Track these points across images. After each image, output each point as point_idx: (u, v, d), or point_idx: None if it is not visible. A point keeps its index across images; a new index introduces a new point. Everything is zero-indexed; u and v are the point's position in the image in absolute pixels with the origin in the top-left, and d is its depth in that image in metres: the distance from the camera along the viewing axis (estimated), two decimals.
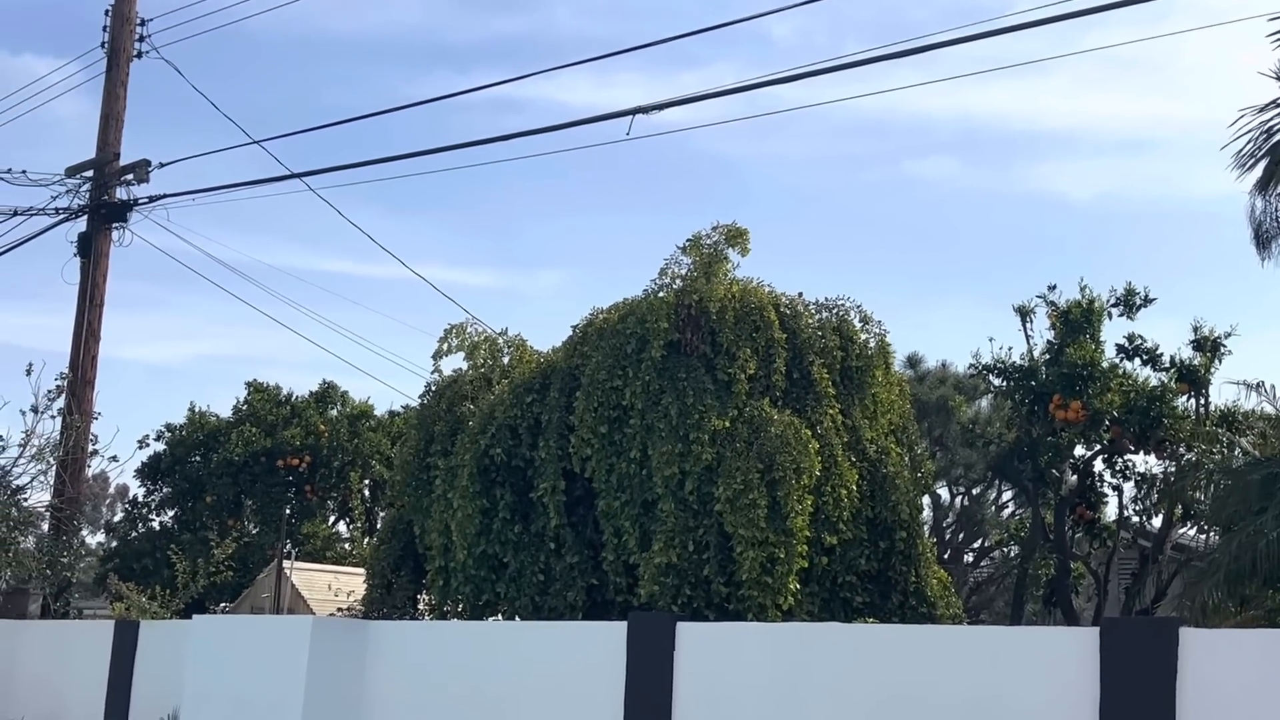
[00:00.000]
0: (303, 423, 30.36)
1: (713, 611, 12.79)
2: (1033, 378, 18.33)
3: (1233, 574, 10.87)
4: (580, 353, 14.23)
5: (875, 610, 13.75)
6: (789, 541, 12.68)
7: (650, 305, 13.81)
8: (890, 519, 14.09)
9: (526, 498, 14.06)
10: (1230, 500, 11.87)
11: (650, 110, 12.96)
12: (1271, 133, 14.23)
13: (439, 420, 15.03)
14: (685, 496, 13.02)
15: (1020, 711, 8.60)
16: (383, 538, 16.08)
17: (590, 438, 13.51)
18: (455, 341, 15.57)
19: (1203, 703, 7.91)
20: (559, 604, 13.61)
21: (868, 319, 15.04)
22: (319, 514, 31.15)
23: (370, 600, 15.48)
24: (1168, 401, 17.64)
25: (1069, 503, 19.22)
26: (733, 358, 13.61)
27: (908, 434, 15.36)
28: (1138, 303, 18.48)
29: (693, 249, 14.17)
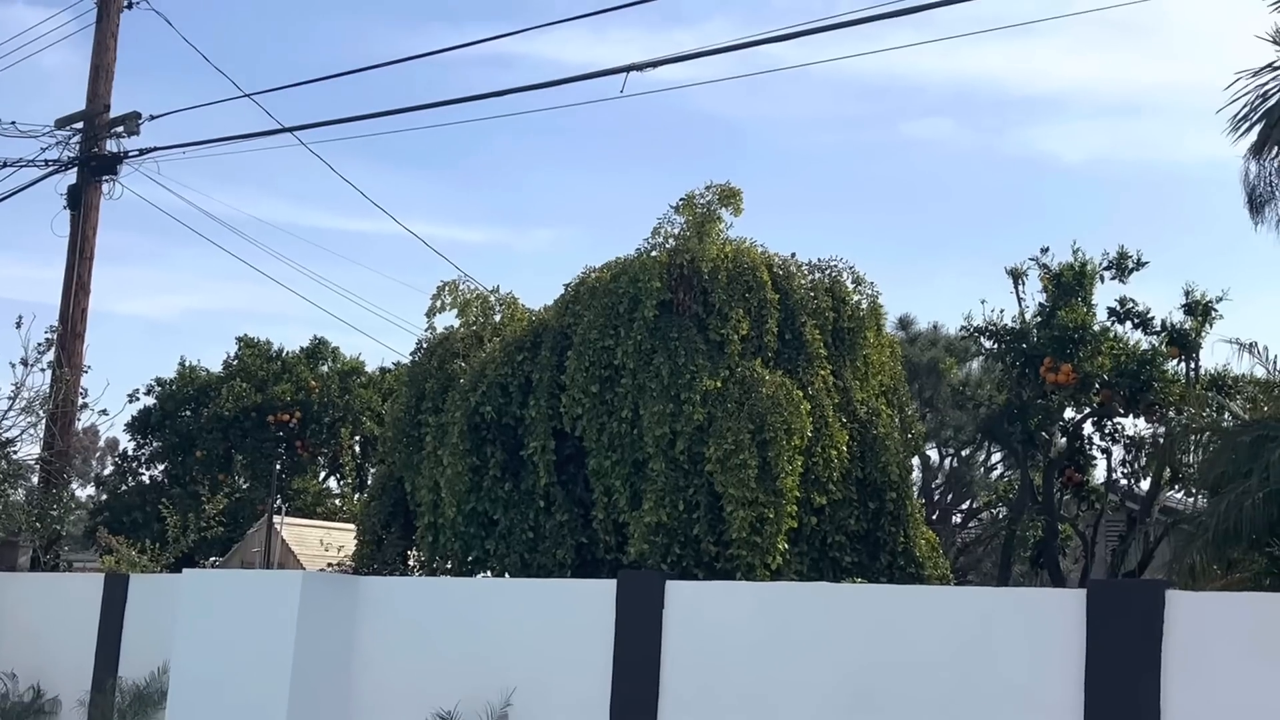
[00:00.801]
0: (293, 378, 30.35)
1: (702, 570, 12.84)
2: (1024, 340, 18.33)
3: (1219, 537, 10.93)
4: (572, 311, 14.21)
5: (864, 570, 13.81)
6: (779, 501, 12.72)
7: (643, 264, 13.78)
8: (880, 480, 14.14)
9: (517, 456, 14.07)
10: (1219, 463, 11.91)
11: (644, 68, 12.87)
12: (1267, 96, 14.19)
13: (430, 377, 15.02)
14: (676, 456, 13.04)
15: (1007, 672, 8.66)
16: (373, 494, 16.11)
17: (581, 397, 13.51)
18: (447, 299, 15.54)
19: (1188, 665, 7.96)
20: (548, 562, 13.65)
21: (860, 280, 15.05)
22: (309, 470, 31.21)
23: (360, 556, 15.52)
24: (1158, 365, 17.65)
25: (1058, 465, 19.28)
26: (725, 318, 13.59)
27: (898, 395, 15.40)
28: (1130, 266, 18.46)
29: (686, 208, 14.13)
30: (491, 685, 10.91)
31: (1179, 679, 7.96)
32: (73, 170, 19.99)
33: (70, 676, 14.77)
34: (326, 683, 11.97)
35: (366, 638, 12.13)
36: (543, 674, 10.85)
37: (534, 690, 10.79)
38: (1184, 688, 7.94)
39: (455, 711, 10.88)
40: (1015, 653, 8.67)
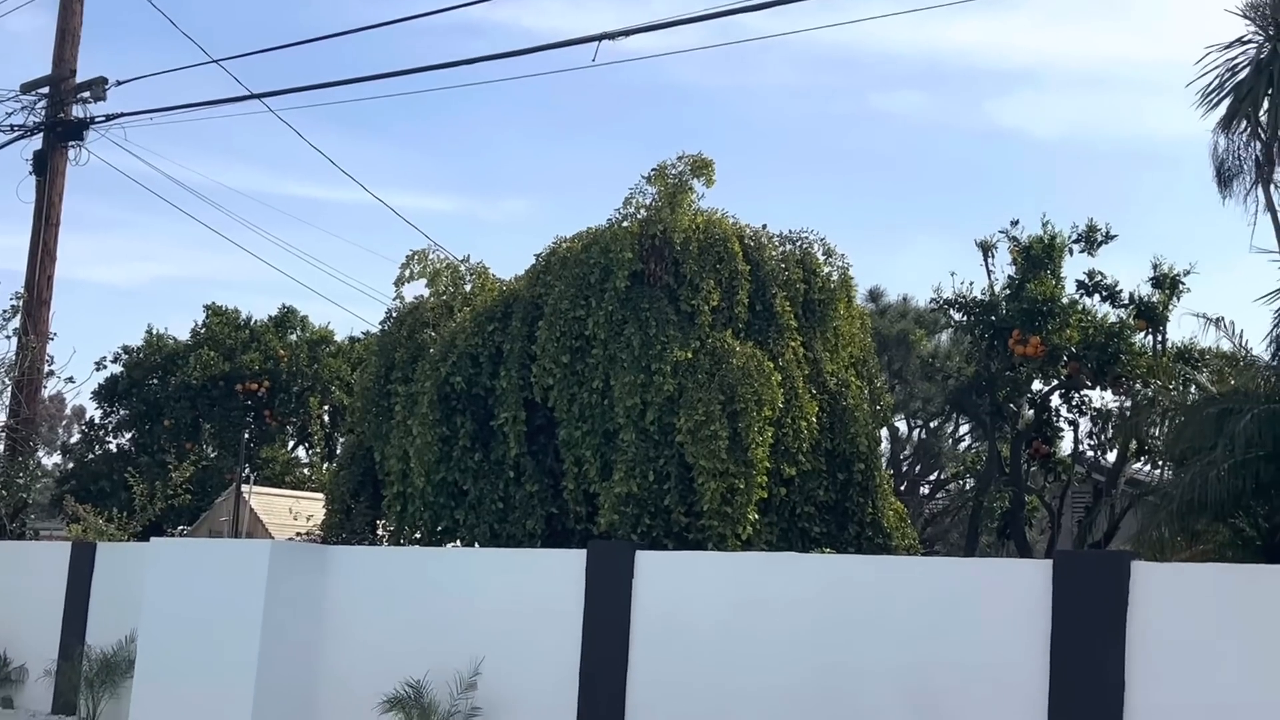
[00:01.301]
0: (262, 347, 30.22)
1: (672, 541, 12.88)
2: (993, 313, 18.41)
3: (1184, 508, 11.03)
4: (543, 282, 14.18)
5: (832, 540, 13.89)
6: (749, 472, 12.76)
7: (614, 235, 13.75)
8: (849, 451, 14.21)
9: (487, 426, 14.05)
10: (1184, 435, 12.01)
11: (616, 36, 12.83)
12: (1236, 70, 14.23)
13: (399, 347, 14.97)
14: (646, 427, 13.06)
15: (973, 641, 8.74)
16: (342, 463, 16.06)
17: (552, 367, 13.50)
18: (417, 268, 15.47)
19: (1152, 634, 8.06)
20: (518, 532, 13.67)
21: (831, 252, 15.06)
22: (278, 439, 31.11)
23: (329, 525, 15.49)
24: (1126, 338, 17.77)
25: (1025, 437, 19.40)
26: (696, 289, 13.59)
27: (868, 367, 15.45)
28: (1099, 239, 18.54)
29: (658, 179, 14.10)
30: (461, 654, 10.95)
31: (1143, 648, 8.06)
32: (38, 136, 19.79)
33: (37, 645, 14.74)
34: (295, 652, 11.99)
35: (335, 607, 12.14)
36: (512, 643, 10.89)
37: (503, 659, 10.84)
38: (1148, 657, 8.04)
39: (424, 680, 10.91)
40: (981, 622, 8.76)
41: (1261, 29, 14.12)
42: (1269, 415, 10.59)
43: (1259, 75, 13.83)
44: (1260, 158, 14.29)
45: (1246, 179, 14.55)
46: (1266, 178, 14.20)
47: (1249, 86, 13.92)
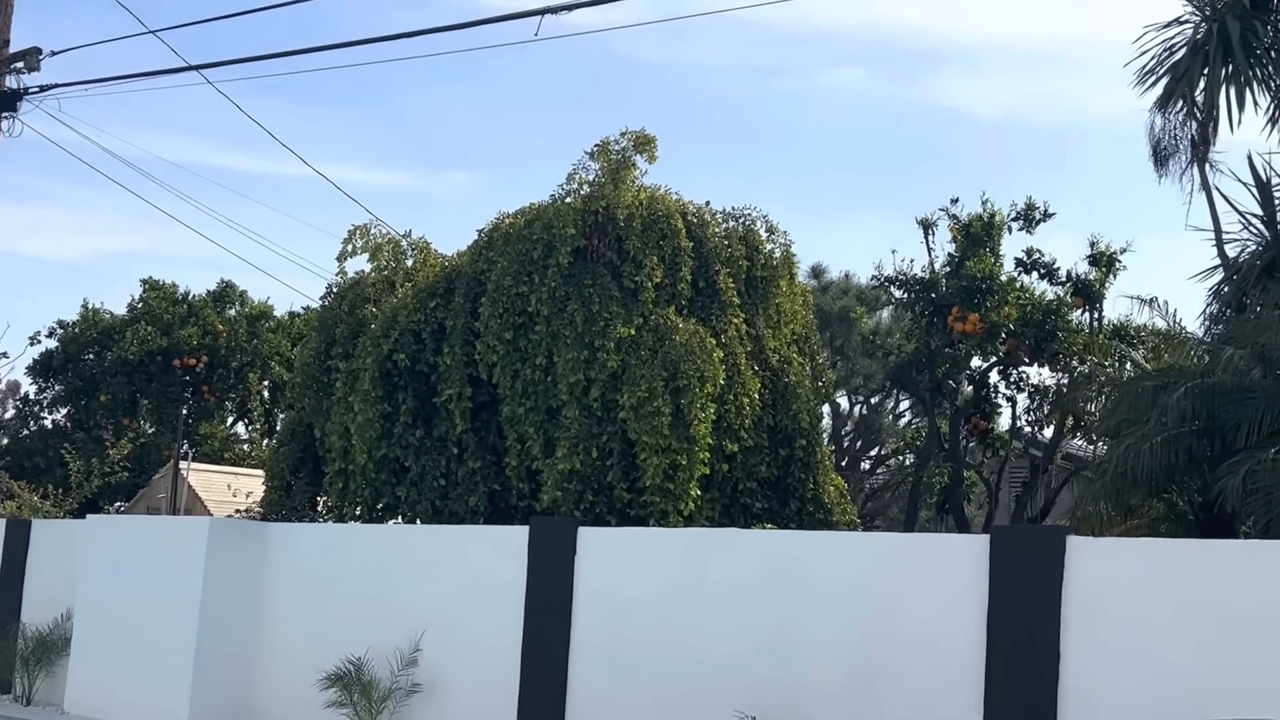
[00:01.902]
0: (200, 322, 29.92)
1: (615, 517, 12.91)
2: (933, 290, 18.55)
3: (1118, 482, 11.16)
4: (486, 258, 14.12)
5: (774, 516, 13.98)
6: (691, 448, 12.80)
7: (557, 211, 13.72)
8: (791, 427, 14.29)
9: (429, 403, 14.00)
10: (1119, 411, 12.15)
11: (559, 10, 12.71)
12: (1173, 50, 14.37)
13: (340, 322, 14.86)
14: (590, 403, 13.06)
15: (912, 615, 8.84)
16: (282, 440, 15.94)
17: (495, 344, 13.46)
18: (359, 243, 15.35)
19: (1087, 607, 8.19)
20: (460, 508, 13.64)
21: (773, 229, 15.11)
22: (217, 415, 30.83)
23: (269, 502, 15.38)
24: (1063, 315, 17.97)
25: (964, 413, 19.60)
26: (639, 265, 13.59)
27: (810, 344, 15.53)
28: (1037, 217, 18.72)
29: (601, 155, 14.06)
30: (402, 631, 10.93)
31: (1078, 621, 8.19)
32: None
33: None
34: (234, 629, 11.91)
35: (275, 584, 12.07)
36: (454, 620, 10.88)
37: (444, 636, 10.83)
38: (1083, 630, 8.17)
39: (365, 657, 10.88)
40: (920, 596, 8.85)
41: (1198, 9, 14.27)
42: (1201, 390, 10.74)
43: (1195, 55, 13.98)
44: (1196, 137, 14.46)
45: (1182, 158, 14.72)
46: (1202, 157, 14.39)
47: (1185, 66, 14.07)
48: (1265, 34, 14.13)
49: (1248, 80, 13.79)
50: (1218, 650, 7.71)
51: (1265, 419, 10.23)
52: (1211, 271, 13.68)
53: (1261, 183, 13.47)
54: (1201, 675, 7.71)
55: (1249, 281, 12.77)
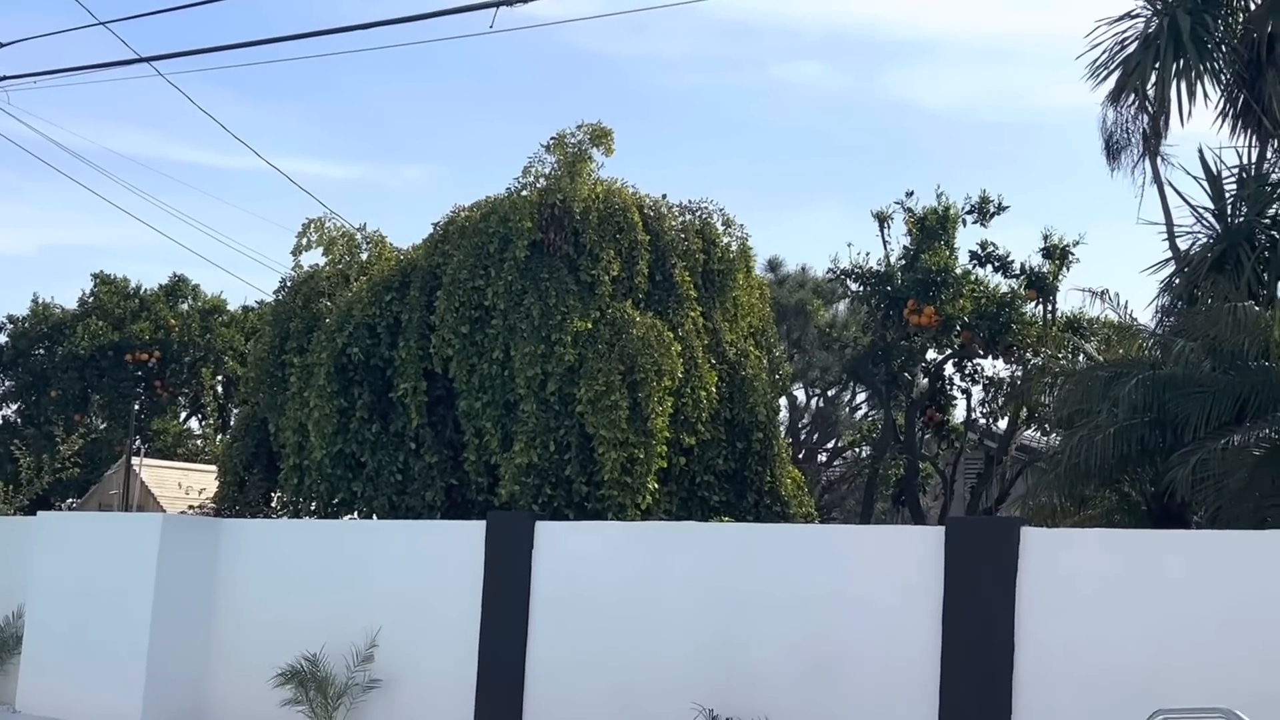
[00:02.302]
0: (152, 316, 29.65)
1: (573, 511, 12.89)
2: (888, 283, 18.64)
3: (1071, 473, 11.25)
4: (441, 251, 14.05)
5: (731, 509, 14.01)
6: (649, 442, 12.80)
7: (513, 204, 13.66)
8: (748, 420, 14.32)
9: (385, 397, 13.92)
10: (1072, 402, 12.25)
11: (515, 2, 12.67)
12: (1125, 44, 14.49)
13: (295, 317, 14.76)
14: (547, 397, 13.03)
15: (868, 606, 8.88)
16: (236, 435, 15.81)
17: (452, 338, 13.40)
18: (313, 236, 15.24)
19: (1041, 597, 8.25)
20: (417, 503, 13.57)
21: (730, 222, 15.13)
22: (169, 410, 30.56)
23: (222, 498, 15.25)
24: (1017, 307, 18.11)
25: (919, 405, 19.72)
26: (596, 259, 13.57)
27: (767, 337, 15.57)
28: (991, 210, 18.85)
29: (557, 148, 14.02)
30: (359, 627, 10.87)
31: (1032, 611, 8.25)
32: None
33: None
34: (188, 626, 11.81)
35: (230, 580, 11.98)
36: (410, 615, 10.83)
37: (402, 631, 10.78)
38: (1037, 619, 8.23)
39: (321, 654, 10.82)
40: (876, 587, 8.89)
41: (1150, 3, 14.40)
42: (1153, 382, 10.84)
43: (1146, 49, 14.11)
44: (1147, 130, 14.59)
45: (1134, 151, 14.86)
46: (1153, 150, 14.52)
47: (1137, 60, 14.20)
48: (1216, 28, 14.28)
49: (1199, 74, 13.93)
50: (1170, 639, 7.79)
51: (1214, 411, 10.36)
52: (1163, 264, 13.81)
53: (1212, 176, 13.61)
54: (1154, 664, 7.78)
55: (1200, 274, 12.90)
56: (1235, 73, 14.12)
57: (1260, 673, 7.44)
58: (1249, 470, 9.92)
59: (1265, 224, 13.10)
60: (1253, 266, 12.53)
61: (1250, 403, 10.38)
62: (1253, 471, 9.92)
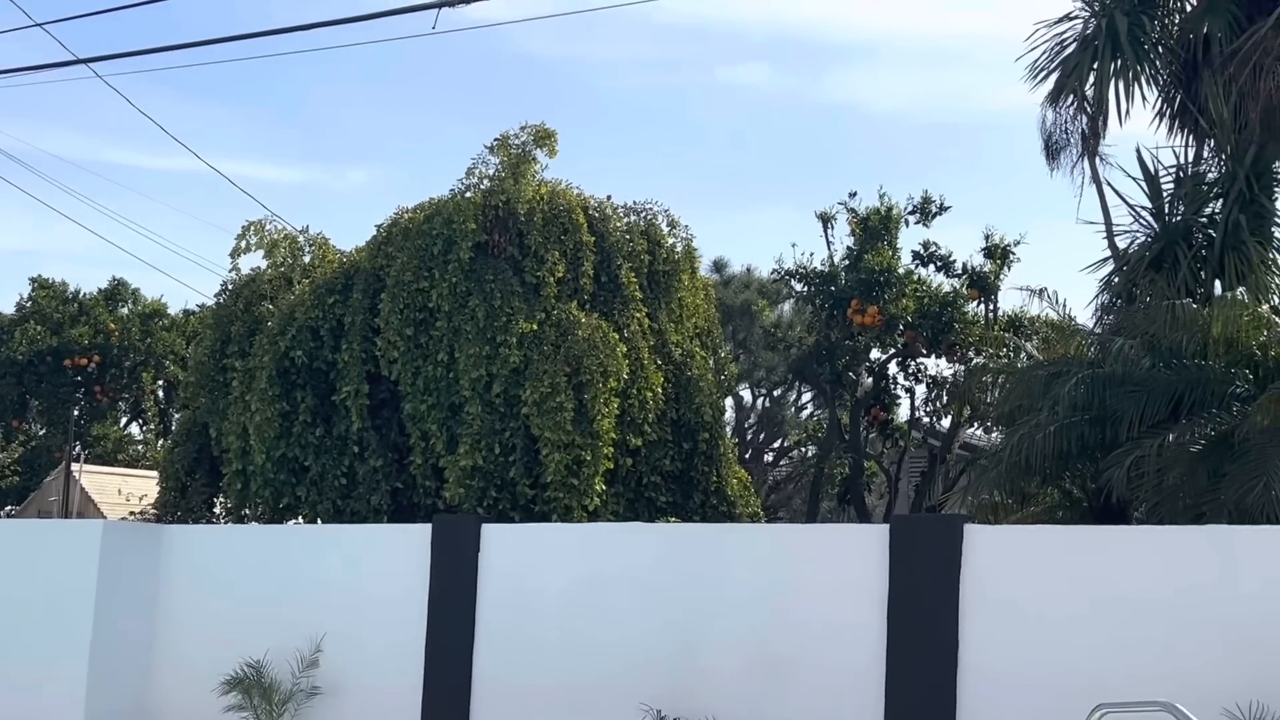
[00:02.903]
0: (91, 321, 29.29)
1: (519, 513, 12.86)
2: (832, 283, 18.75)
3: (1013, 470, 11.37)
4: (385, 253, 13.97)
5: (678, 509, 14.03)
6: (595, 443, 12.80)
7: (457, 206, 13.62)
8: (694, 421, 14.35)
9: (329, 401, 13.82)
10: (1013, 399, 12.37)
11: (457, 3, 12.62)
12: (1064, 45, 14.65)
13: (236, 320, 14.62)
14: (492, 399, 12.99)
15: (815, 605, 8.92)
16: (177, 440, 15.64)
17: (396, 340, 13.33)
18: (254, 239, 15.09)
19: (984, 593, 8.32)
20: (362, 507, 13.49)
21: (675, 223, 15.16)
22: (110, 415, 30.21)
23: (164, 504, 15.09)
24: (959, 307, 18.28)
25: (864, 404, 19.85)
26: (541, 260, 13.55)
27: (712, 337, 15.61)
28: (933, 210, 19.02)
29: (500, 149, 13.99)
30: (303, 633, 10.76)
31: (976, 607, 8.32)
32: None
33: None
34: (130, 634, 11.66)
35: (172, 587, 11.83)
36: (356, 620, 10.75)
37: (347, 637, 10.69)
38: (981, 615, 8.30)
39: (265, 660, 10.71)
40: (822, 586, 8.93)
41: (1088, 5, 14.57)
42: (1092, 380, 10.97)
43: (1084, 50, 14.28)
44: (1086, 131, 14.75)
45: (1074, 152, 15.01)
46: (1092, 150, 14.68)
47: (1075, 61, 14.36)
48: (1153, 29, 14.48)
49: (1136, 75, 14.12)
50: (1111, 634, 7.88)
51: (1152, 408, 10.50)
52: (1102, 263, 13.98)
53: (1150, 175, 13.79)
54: (1096, 659, 7.87)
55: (1138, 272, 13.08)
56: (1172, 73, 14.32)
57: (1202, 666, 7.55)
58: (1186, 466, 10.07)
59: (1202, 222, 13.30)
60: (1189, 264, 12.72)
61: (1186, 399, 10.53)
62: (1190, 467, 10.07)
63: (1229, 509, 9.41)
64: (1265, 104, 12.64)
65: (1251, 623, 7.57)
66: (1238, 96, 12.93)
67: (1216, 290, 12.52)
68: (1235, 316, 10.35)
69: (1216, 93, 13.04)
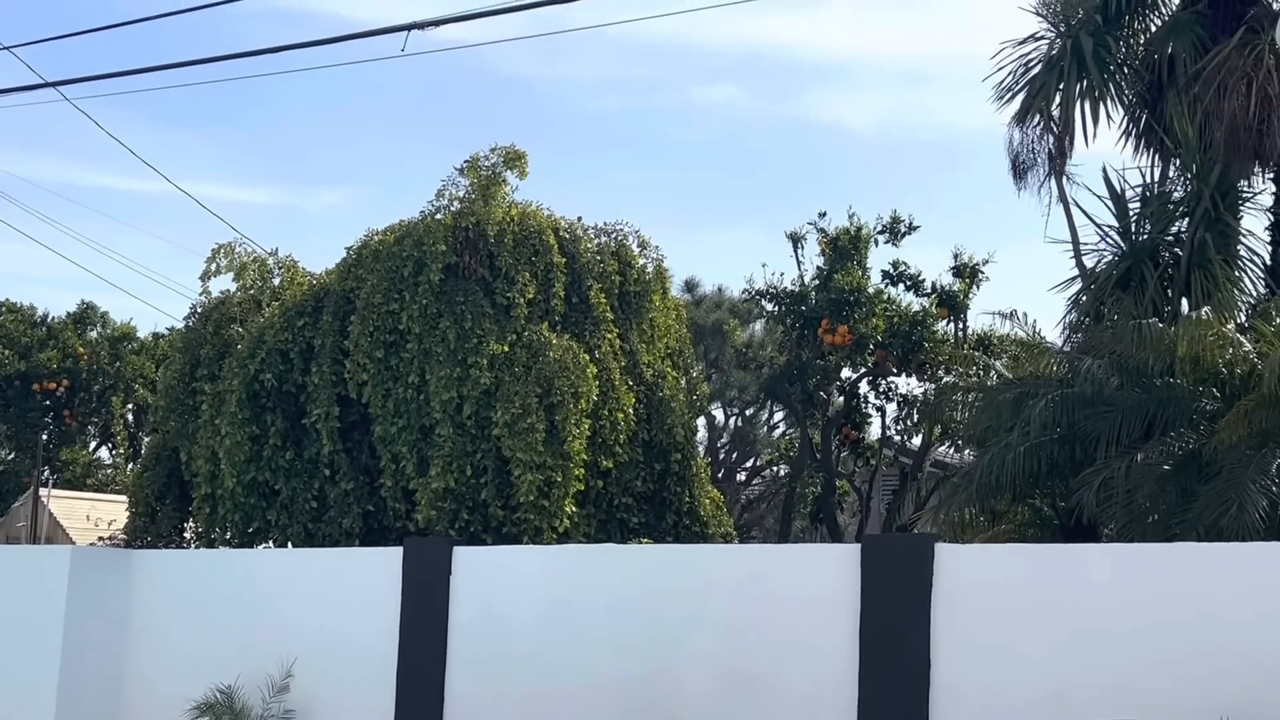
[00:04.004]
0: (60, 345, 29.12)
1: (490, 535, 12.82)
2: (803, 303, 18.82)
3: (984, 489, 11.41)
4: (355, 275, 13.94)
5: (650, 530, 14.01)
6: (566, 465, 12.78)
7: (427, 227, 13.60)
8: (665, 441, 14.34)
9: (299, 424, 13.76)
10: (984, 418, 12.42)
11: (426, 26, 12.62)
12: (1029, 66, 14.78)
13: (205, 343, 14.55)
14: (463, 421, 12.96)
15: (787, 624, 8.91)
16: (146, 464, 15.52)
17: (366, 362, 13.29)
18: (223, 262, 15.03)
19: (955, 611, 8.34)
20: (334, 531, 13.42)
21: (645, 244, 15.18)
22: (79, 440, 29.99)
23: (133, 529, 14.97)
24: (929, 326, 18.36)
25: (835, 423, 19.89)
26: (511, 281, 13.54)
27: (684, 357, 15.62)
28: (902, 230, 19.12)
29: (470, 171, 13.98)
30: (274, 657, 10.69)
31: (947, 626, 8.33)
32: None
33: None
34: (99, 661, 11.55)
35: (142, 613, 11.73)
36: (327, 644, 10.68)
37: (318, 661, 10.62)
38: (952, 633, 8.32)
39: (235, 685, 10.63)
40: (794, 605, 8.93)
41: (1053, 26, 14.72)
42: (1061, 400, 11.03)
43: (1050, 71, 14.41)
44: (1053, 150, 14.88)
45: (1040, 171, 15.13)
46: (1059, 170, 14.80)
47: (1041, 82, 14.49)
48: (1118, 50, 14.63)
49: (1102, 95, 14.26)
50: (1083, 652, 7.91)
51: (1122, 428, 10.55)
52: (1070, 282, 14.08)
53: (1116, 195, 13.91)
54: (1066, 677, 7.90)
55: (1106, 291, 13.17)
56: (1138, 93, 14.46)
57: (1170, 684, 7.58)
58: (1155, 484, 10.13)
59: (1168, 241, 13.42)
60: (1156, 283, 12.83)
61: (1157, 418, 10.59)
62: (1159, 486, 10.12)
63: (1200, 530, 9.45)
64: (1229, 124, 12.78)
65: (1224, 641, 7.61)
66: (1203, 116, 13.07)
67: (1184, 308, 12.62)
68: (1201, 335, 10.42)
69: (1181, 112, 13.18)
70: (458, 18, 13.15)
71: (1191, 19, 14.10)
